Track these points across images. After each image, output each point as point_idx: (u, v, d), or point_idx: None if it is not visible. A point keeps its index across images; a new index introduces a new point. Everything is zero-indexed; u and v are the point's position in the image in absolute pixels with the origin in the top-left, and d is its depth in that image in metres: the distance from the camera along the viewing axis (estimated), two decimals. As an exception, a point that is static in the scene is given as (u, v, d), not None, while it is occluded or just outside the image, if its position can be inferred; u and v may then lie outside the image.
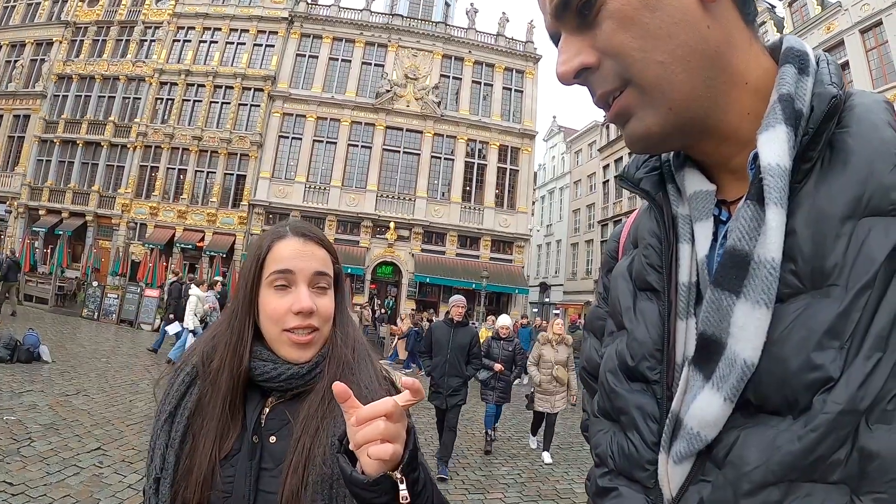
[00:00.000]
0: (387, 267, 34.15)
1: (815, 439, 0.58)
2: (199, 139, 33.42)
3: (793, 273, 0.64)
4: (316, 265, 1.34)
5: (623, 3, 0.68)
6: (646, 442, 0.76)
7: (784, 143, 0.65)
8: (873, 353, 0.57)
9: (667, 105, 0.71)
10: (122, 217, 32.55)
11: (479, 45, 37.07)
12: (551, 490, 7.50)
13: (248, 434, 1.28)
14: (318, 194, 33.59)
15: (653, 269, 0.82)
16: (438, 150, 35.38)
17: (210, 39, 35.59)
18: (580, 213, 49.15)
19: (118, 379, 11.13)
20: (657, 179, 0.85)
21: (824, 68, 0.72)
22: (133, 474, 6.08)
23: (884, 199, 0.61)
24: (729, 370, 0.65)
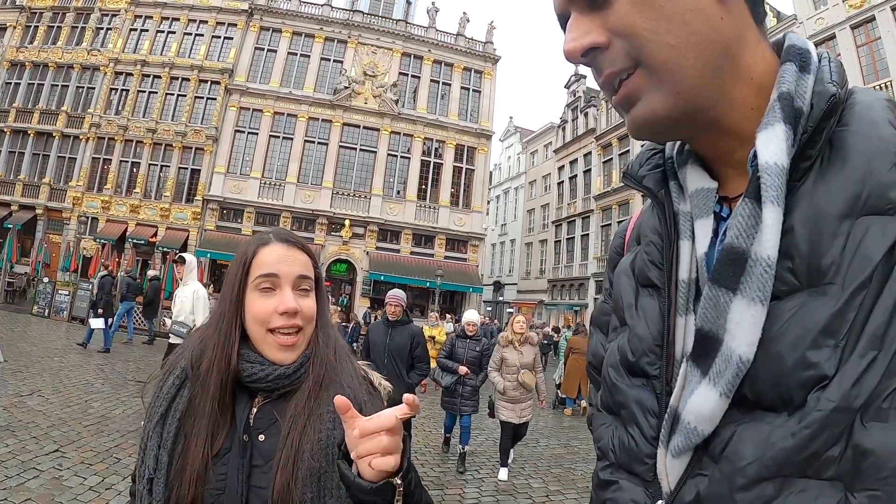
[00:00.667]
0: (341, 265, 34.31)
1: (809, 436, 0.59)
2: (153, 132, 33.01)
3: (790, 271, 0.66)
4: (299, 269, 1.41)
5: None
6: (645, 436, 0.78)
7: (782, 141, 0.67)
8: (868, 352, 0.58)
9: (675, 89, 0.72)
10: (73, 211, 32.01)
11: (438, 45, 37.28)
12: (508, 485, 7.69)
13: (239, 433, 1.34)
14: (273, 190, 33.53)
15: (654, 266, 0.84)
16: (395, 149, 35.56)
17: (168, 30, 35.10)
18: (534, 213, 49.79)
19: (73, 378, 11.04)
20: (660, 177, 0.87)
21: (825, 66, 0.73)
22: (93, 476, 6.06)
23: (882, 197, 0.62)
24: (725, 366, 0.67)
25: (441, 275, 30.98)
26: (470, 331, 8.56)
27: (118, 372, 12.55)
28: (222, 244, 30.93)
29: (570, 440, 10.88)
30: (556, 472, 8.59)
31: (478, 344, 8.50)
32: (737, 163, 0.75)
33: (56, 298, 22.77)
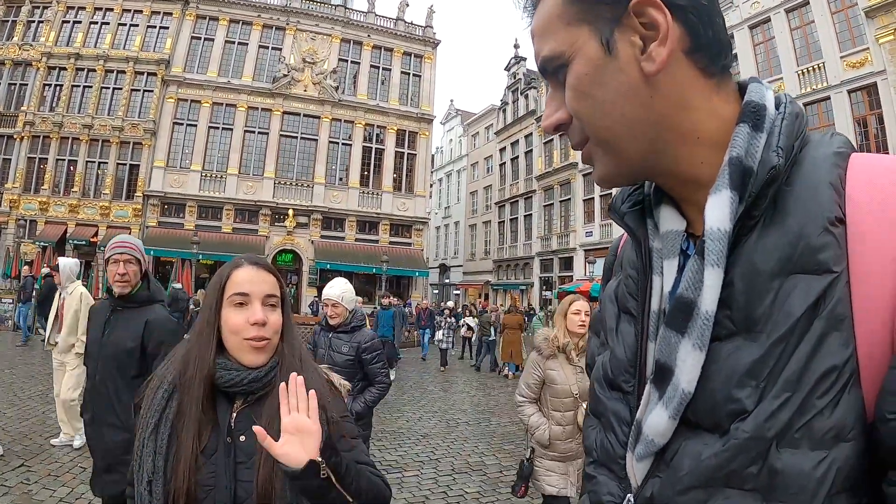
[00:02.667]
0: (287, 255, 34.49)
1: (728, 458, 0.69)
2: (89, 127, 32.32)
3: (729, 318, 0.74)
4: (267, 288, 1.66)
5: (576, 79, 0.80)
6: (619, 441, 0.88)
7: (726, 208, 0.74)
8: (782, 394, 0.67)
9: (617, 160, 0.83)
10: (10, 214, 31.18)
11: (378, 30, 37.26)
12: (463, 464, 7.93)
13: (223, 435, 1.56)
14: (214, 183, 33.42)
15: (631, 297, 0.93)
16: (336, 136, 35.70)
17: (101, 20, 34.04)
18: (477, 195, 50.25)
19: (27, 390, 10.88)
20: (639, 215, 0.93)
21: (777, 126, 0.77)
22: (62, 487, 6.06)
23: (811, 259, 0.69)
24: (674, 394, 0.76)
25: (387, 260, 31.37)
26: (333, 317, 5.00)
27: None
28: (166, 241, 30.79)
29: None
30: (508, 448, 8.85)
31: (350, 338, 4.97)
32: (698, 203, 0.80)
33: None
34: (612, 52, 0.78)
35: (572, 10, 0.80)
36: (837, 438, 0.66)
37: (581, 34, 0.79)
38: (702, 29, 0.78)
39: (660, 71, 0.76)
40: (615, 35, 0.77)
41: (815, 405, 0.66)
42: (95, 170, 32.81)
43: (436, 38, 38.39)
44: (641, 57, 0.76)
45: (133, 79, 33.40)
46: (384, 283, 31.69)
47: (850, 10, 23.05)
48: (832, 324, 0.67)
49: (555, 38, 0.82)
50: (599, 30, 0.78)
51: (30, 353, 16.22)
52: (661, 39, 0.75)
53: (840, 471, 0.65)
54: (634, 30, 0.76)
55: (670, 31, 0.75)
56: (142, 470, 1.52)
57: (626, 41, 0.77)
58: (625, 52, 0.77)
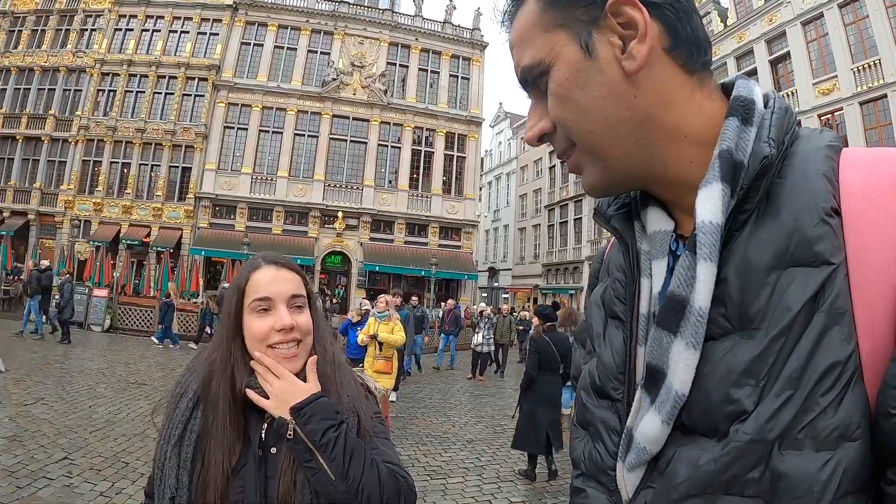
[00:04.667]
0: (336, 256, 34.36)
1: (728, 462, 0.67)
2: (142, 131, 32.89)
3: (723, 316, 0.71)
4: (291, 288, 1.52)
5: (558, 84, 0.79)
6: (608, 451, 0.85)
7: (718, 200, 0.72)
8: (784, 392, 0.65)
9: (603, 165, 0.81)
10: (65, 215, 31.86)
11: (425, 33, 37.14)
12: (509, 472, 7.77)
13: (254, 448, 1.45)
14: (265, 185, 33.49)
15: (619, 301, 0.90)
16: (385, 139, 35.52)
17: (153, 28, 34.85)
18: (527, 198, 49.84)
19: (75, 385, 11.08)
20: (626, 216, 0.91)
21: (766, 119, 0.77)
22: (103, 482, 6.09)
23: (807, 251, 0.67)
24: (666, 397, 0.74)
25: (436, 263, 31.06)
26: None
27: (119, 375, 12.63)
28: (216, 242, 31.03)
29: None
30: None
31: None
32: (688, 206, 0.78)
33: (52, 304, 22.51)
34: (591, 54, 0.77)
35: (549, 16, 0.79)
36: (843, 438, 0.63)
37: (559, 39, 0.79)
38: (680, 26, 0.77)
39: (641, 68, 0.75)
40: (594, 37, 0.77)
41: (818, 403, 0.64)
42: (148, 172, 33.36)
43: (483, 41, 38.13)
44: (622, 56, 0.76)
45: (185, 84, 33.96)
46: (433, 285, 31.38)
47: (906, 3, 22.14)
48: (833, 318, 0.66)
49: (533, 46, 0.81)
50: (577, 33, 0.78)
51: (80, 349, 16.54)
52: (640, 37, 0.75)
53: (847, 472, 0.62)
54: (613, 30, 0.76)
55: (649, 29, 0.74)
56: (163, 485, 1.41)
57: (605, 42, 0.77)
58: (605, 53, 0.77)
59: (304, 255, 31.56)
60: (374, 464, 1.46)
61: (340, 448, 1.41)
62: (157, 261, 28.50)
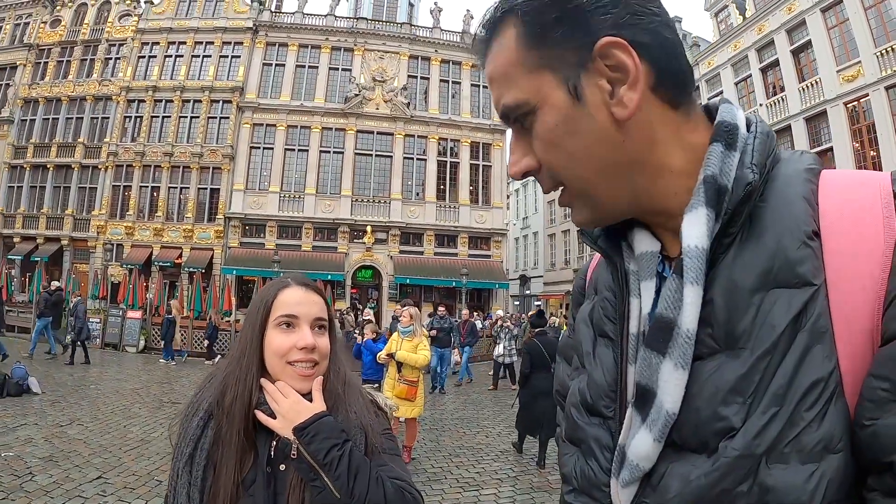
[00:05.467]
0: (366, 271, 34.27)
1: (718, 477, 0.69)
2: (170, 155, 33.25)
3: (710, 336, 0.73)
4: (316, 311, 1.57)
5: (546, 130, 0.79)
6: (601, 468, 0.86)
7: (703, 225, 0.74)
8: (770, 408, 0.67)
9: (592, 205, 0.83)
10: (97, 239, 32.30)
11: (444, 44, 37.20)
12: (544, 482, 7.67)
13: (262, 465, 1.48)
14: (293, 203, 33.62)
15: (609, 320, 0.91)
16: (410, 151, 35.55)
17: (175, 54, 35.38)
18: (555, 203, 48.95)
19: (109, 405, 11.19)
20: (612, 237, 0.93)
21: (749, 144, 0.78)
22: (137, 500, 6.19)
23: (790, 273, 0.69)
24: (657, 415, 0.75)
25: (466, 273, 30.81)
26: None
27: (154, 395, 12.77)
28: (247, 260, 31.18)
29: None
30: None
31: None
32: (672, 228, 0.79)
33: (87, 326, 22.75)
34: (580, 99, 0.76)
35: (533, 56, 0.78)
36: (826, 450, 0.65)
37: (545, 81, 0.78)
38: (666, 63, 0.77)
39: (633, 115, 0.75)
40: (582, 80, 0.76)
41: (803, 418, 0.66)
42: (178, 195, 33.64)
43: (503, 50, 38.24)
44: (611, 101, 0.76)
45: (209, 107, 34.34)
46: (465, 295, 31.19)
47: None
48: (815, 337, 0.68)
49: (516, 86, 0.80)
50: (565, 76, 0.77)
51: (114, 369, 16.84)
52: (630, 83, 0.75)
53: (831, 482, 0.65)
54: (601, 73, 0.75)
55: (640, 74, 0.74)
56: (175, 502, 1.45)
57: (593, 86, 0.76)
58: (593, 98, 0.76)
59: (335, 270, 31.61)
60: (379, 481, 1.48)
61: (345, 466, 1.43)
62: (190, 281, 28.61)
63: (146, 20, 35.42)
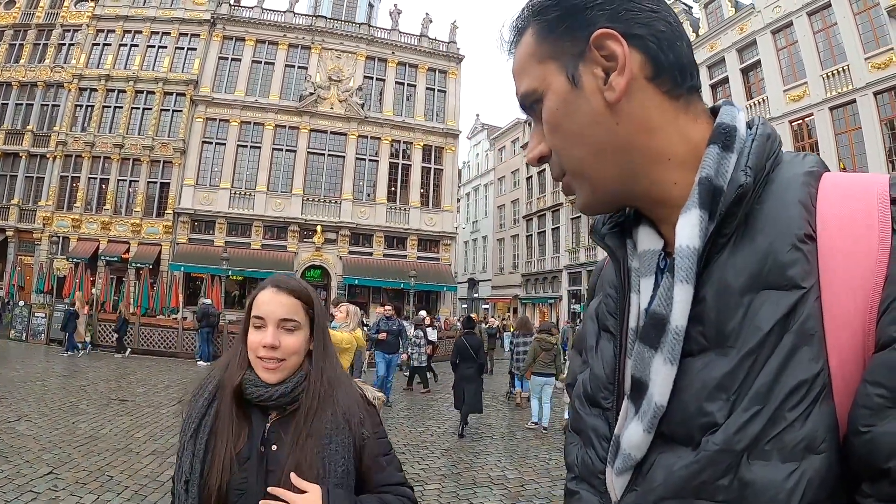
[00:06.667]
0: (315, 270, 34.61)
1: (698, 469, 0.71)
2: (120, 147, 32.93)
3: (701, 334, 0.75)
4: (282, 312, 1.70)
5: (549, 113, 0.84)
6: (599, 457, 0.89)
7: (696, 226, 0.76)
8: (752, 406, 0.68)
9: (590, 188, 0.86)
10: (43, 231, 31.78)
11: (402, 46, 37.63)
12: (485, 478, 7.99)
13: (256, 445, 1.65)
14: (243, 200, 33.73)
15: (611, 315, 0.94)
16: (363, 152, 35.92)
17: (131, 43, 34.99)
18: (505, 208, 50.34)
19: (57, 401, 11.23)
20: (619, 235, 0.95)
21: (747, 146, 0.80)
22: (88, 494, 6.22)
23: (780, 275, 0.71)
24: (648, 407, 0.78)
25: (415, 276, 31.25)
26: None
27: (101, 392, 12.75)
28: (196, 257, 31.20)
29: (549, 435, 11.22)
30: (530, 462, 8.92)
31: None
32: (675, 224, 0.82)
33: (32, 321, 22.71)
34: (577, 84, 0.82)
35: (542, 48, 0.85)
36: (808, 450, 0.67)
37: (550, 70, 0.84)
38: (662, 55, 0.81)
39: (621, 99, 0.79)
40: (580, 68, 0.82)
41: (785, 418, 0.68)
42: (127, 188, 33.44)
43: (459, 54, 38.67)
44: (604, 87, 0.80)
45: (162, 99, 34.07)
46: (412, 298, 31.65)
47: (872, 10, 22.77)
48: (802, 338, 0.69)
49: (529, 75, 0.87)
50: (565, 65, 0.83)
51: (60, 366, 16.74)
52: (619, 69, 0.79)
53: (811, 482, 0.66)
54: (596, 62, 0.81)
55: (627, 62, 0.79)
56: (181, 470, 1.62)
57: (589, 73, 0.81)
58: (589, 84, 0.81)
59: (284, 269, 31.56)
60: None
61: None
62: (137, 277, 28.48)
63: (103, 6, 34.88)
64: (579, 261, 38.15)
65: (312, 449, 1.64)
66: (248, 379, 1.69)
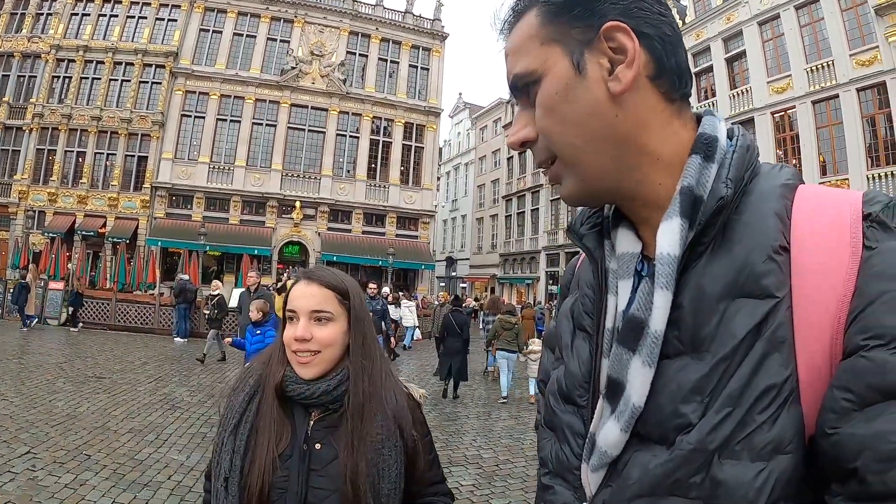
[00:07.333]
0: (294, 246, 34.65)
1: (672, 468, 0.74)
2: (98, 119, 32.54)
3: (677, 338, 0.78)
4: (312, 304, 1.67)
5: (546, 96, 0.84)
6: (573, 453, 0.91)
7: (676, 234, 0.78)
8: (724, 409, 0.71)
9: (581, 177, 0.86)
10: (19, 205, 31.23)
11: (386, 22, 37.31)
12: (461, 457, 8.08)
13: (299, 442, 1.61)
14: (222, 175, 33.56)
15: (587, 315, 0.96)
16: (344, 128, 35.78)
17: (110, 13, 34.33)
18: (485, 188, 50.30)
19: (34, 379, 11.04)
20: (597, 236, 0.97)
21: (728, 157, 0.82)
22: (67, 474, 6.17)
23: (755, 285, 0.73)
24: (625, 408, 0.80)
25: (393, 253, 31.30)
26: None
27: (78, 370, 12.58)
28: (173, 232, 31.11)
29: (521, 412, 11.38)
30: (506, 442, 9.03)
31: None
32: (655, 225, 0.84)
33: (8, 297, 22.18)
34: (581, 71, 0.82)
35: (546, 30, 0.84)
36: (776, 451, 0.69)
37: (553, 53, 0.83)
38: (665, 57, 0.82)
39: (625, 91, 0.80)
40: (585, 56, 0.82)
41: (755, 420, 0.70)
42: (104, 161, 33.07)
43: (444, 32, 38.38)
44: (609, 78, 0.81)
45: (141, 71, 33.58)
46: (391, 275, 31.75)
47: (859, 7, 22.86)
48: (773, 345, 0.72)
49: (528, 56, 0.86)
50: (571, 50, 0.82)
51: (36, 343, 16.42)
52: (628, 62, 0.80)
53: (778, 480, 0.69)
54: (603, 53, 0.81)
55: (637, 56, 0.80)
56: (220, 467, 1.59)
57: (595, 63, 0.81)
58: (593, 73, 0.81)
59: (262, 245, 31.93)
60: None
61: None
62: (114, 252, 28.35)
63: (82, -26, 34.09)
64: (558, 242, 38.33)
65: (365, 455, 1.59)
66: (289, 376, 1.66)
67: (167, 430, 8.20)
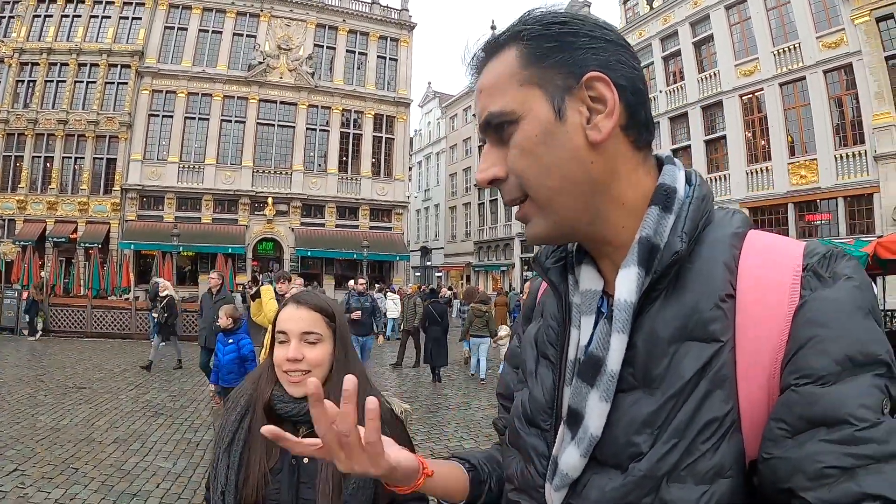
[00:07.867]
0: (268, 243, 34.64)
1: (626, 491, 0.81)
2: (64, 122, 32.07)
3: (632, 375, 0.84)
4: (303, 326, 1.75)
5: (524, 138, 0.86)
6: (538, 472, 0.96)
7: (633, 282, 0.84)
8: (671, 440, 0.78)
9: (553, 219, 0.89)
10: None
11: (353, 14, 37.11)
12: (442, 448, 8.26)
13: (288, 457, 1.70)
14: (192, 174, 33.37)
15: (551, 346, 1.00)
16: (313, 122, 35.69)
17: (73, 13, 33.65)
18: (457, 176, 50.22)
19: (14, 394, 10.84)
20: (561, 270, 1.01)
21: (684, 211, 0.88)
22: (56, 489, 6.14)
23: (703, 330, 0.80)
24: (584, 436, 0.86)
25: (367, 246, 31.56)
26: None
27: (57, 381, 12.43)
28: (146, 234, 30.92)
29: None
30: (487, 431, 9.04)
31: None
32: (616, 262, 0.89)
33: None
34: (562, 117, 0.85)
35: (527, 73, 0.86)
36: (718, 475, 0.77)
37: (533, 96, 0.86)
38: (636, 108, 0.88)
39: (604, 141, 0.84)
40: (566, 103, 0.85)
41: (699, 449, 0.77)
42: (72, 165, 32.60)
43: (412, 22, 38.18)
44: (587, 126, 0.84)
45: (107, 71, 33.04)
46: (365, 268, 31.92)
47: (825, -10, 23.05)
48: (716, 383, 0.79)
49: (505, 96, 0.87)
50: (552, 95, 0.85)
51: (13, 356, 16.17)
52: (608, 112, 0.84)
53: (720, 501, 0.76)
54: (583, 101, 0.85)
55: (616, 107, 0.84)
56: (217, 481, 1.68)
57: (574, 110, 0.85)
58: (573, 119, 0.85)
59: (236, 243, 31.86)
60: None
61: None
62: (87, 258, 28.29)
63: (43, -25, 33.51)
64: (531, 228, 38.14)
65: None
66: (276, 395, 1.73)
67: (152, 437, 8.23)
